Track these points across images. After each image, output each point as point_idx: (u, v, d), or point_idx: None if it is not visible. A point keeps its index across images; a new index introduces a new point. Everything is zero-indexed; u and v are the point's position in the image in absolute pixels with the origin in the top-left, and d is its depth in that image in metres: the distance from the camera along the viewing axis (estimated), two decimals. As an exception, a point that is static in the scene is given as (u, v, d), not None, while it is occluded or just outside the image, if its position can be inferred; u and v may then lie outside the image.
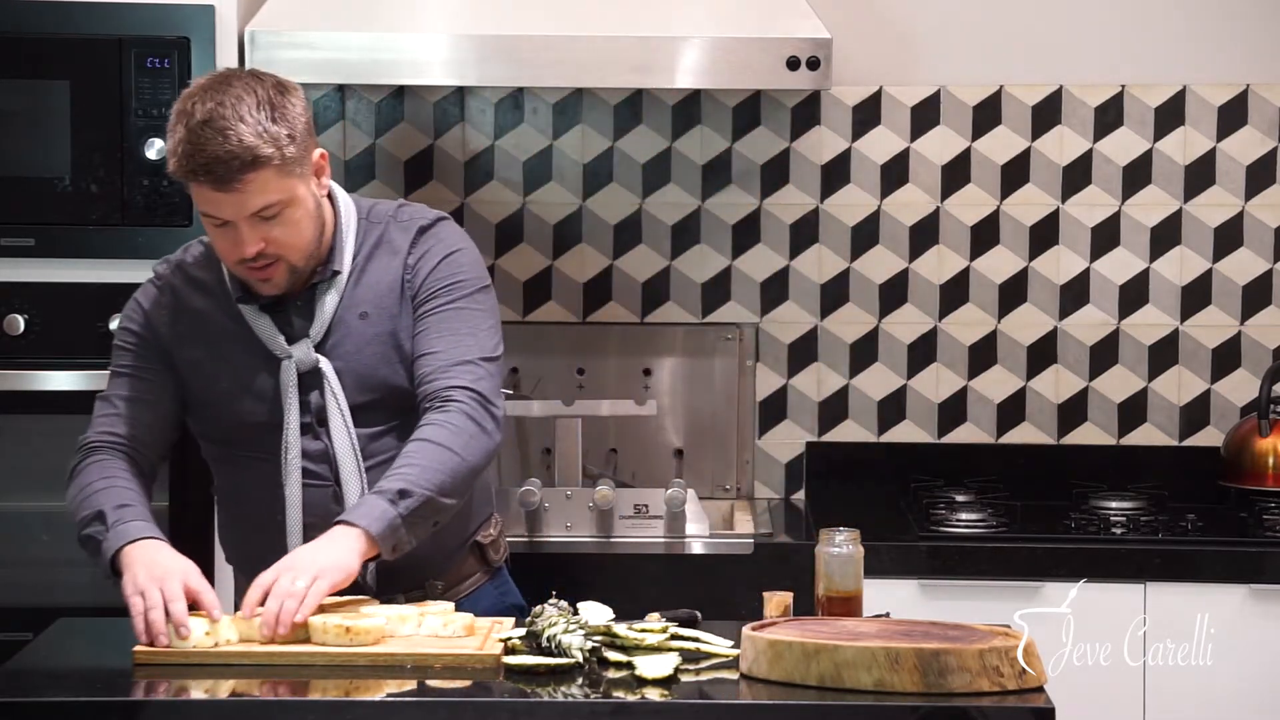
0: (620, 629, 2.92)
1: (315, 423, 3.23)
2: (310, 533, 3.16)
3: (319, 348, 3.23)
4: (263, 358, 3.23)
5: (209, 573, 4.11)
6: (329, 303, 3.23)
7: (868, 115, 4.70)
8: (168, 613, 2.93)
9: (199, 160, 3.04)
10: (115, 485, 3.17)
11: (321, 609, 2.97)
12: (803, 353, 4.73)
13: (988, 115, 4.70)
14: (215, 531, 4.14)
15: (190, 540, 4.15)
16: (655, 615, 3.01)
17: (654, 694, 2.75)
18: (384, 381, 3.25)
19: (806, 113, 4.70)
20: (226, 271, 3.24)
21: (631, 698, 2.73)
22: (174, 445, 3.37)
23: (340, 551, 3.00)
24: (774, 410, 4.73)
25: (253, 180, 3.06)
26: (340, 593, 3.09)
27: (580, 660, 2.84)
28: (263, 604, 2.95)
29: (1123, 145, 4.69)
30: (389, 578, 3.20)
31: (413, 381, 3.23)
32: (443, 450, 3.11)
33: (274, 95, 3.10)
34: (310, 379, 3.22)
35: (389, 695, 2.77)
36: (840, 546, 3.06)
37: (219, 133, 3.04)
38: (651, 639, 2.91)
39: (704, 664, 2.90)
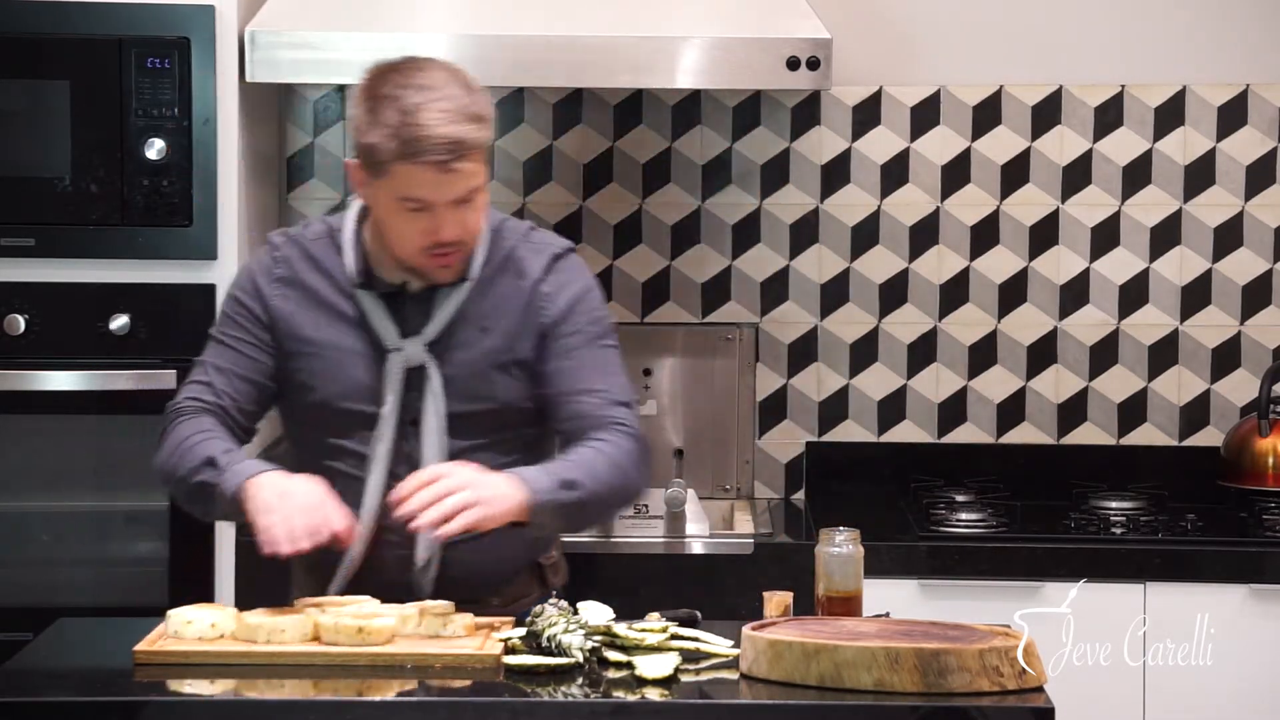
0: (620, 629, 2.92)
1: (409, 422, 3.20)
2: (382, 532, 3.17)
3: (429, 349, 3.20)
4: (370, 346, 3.20)
5: (209, 565, 4.14)
6: (450, 306, 3.20)
7: (868, 115, 4.70)
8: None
9: (425, 142, 3.03)
10: (213, 436, 3.17)
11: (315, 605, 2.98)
12: (803, 353, 4.73)
13: (988, 115, 4.70)
14: (216, 524, 4.16)
15: (191, 539, 4.16)
16: (655, 615, 3.01)
17: (654, 694, 2.75)
18: (490, 396, 3.22)
19: (806, 113, 4.70)
20: (350, 253, 3.20)
21: (631, 698, 2.73)
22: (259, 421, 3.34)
23: (505, 497, 3.02)
24: (774, 410, 4.73)
25: (468, 163, 3.07)
26: (344, 592, 3.10)
27: (580, 660, 2.84)
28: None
29: (1123, 145, 4.69)
30: (446, 587, 3.17)
31: (519, 401, 3.23)
32: (615, 466, 3.14)
33: (469, 80, 3.12)
34: (413, 378, 3.19)
35: (389, 695, 2.77)
36: (840, 546, 3.06)
37: (444, 115, 3.04)
38: (651, 639, 2.91)
39: (704, 664, 2.90)
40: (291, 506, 3.01)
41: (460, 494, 2.97)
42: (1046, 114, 4.69)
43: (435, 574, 3.19)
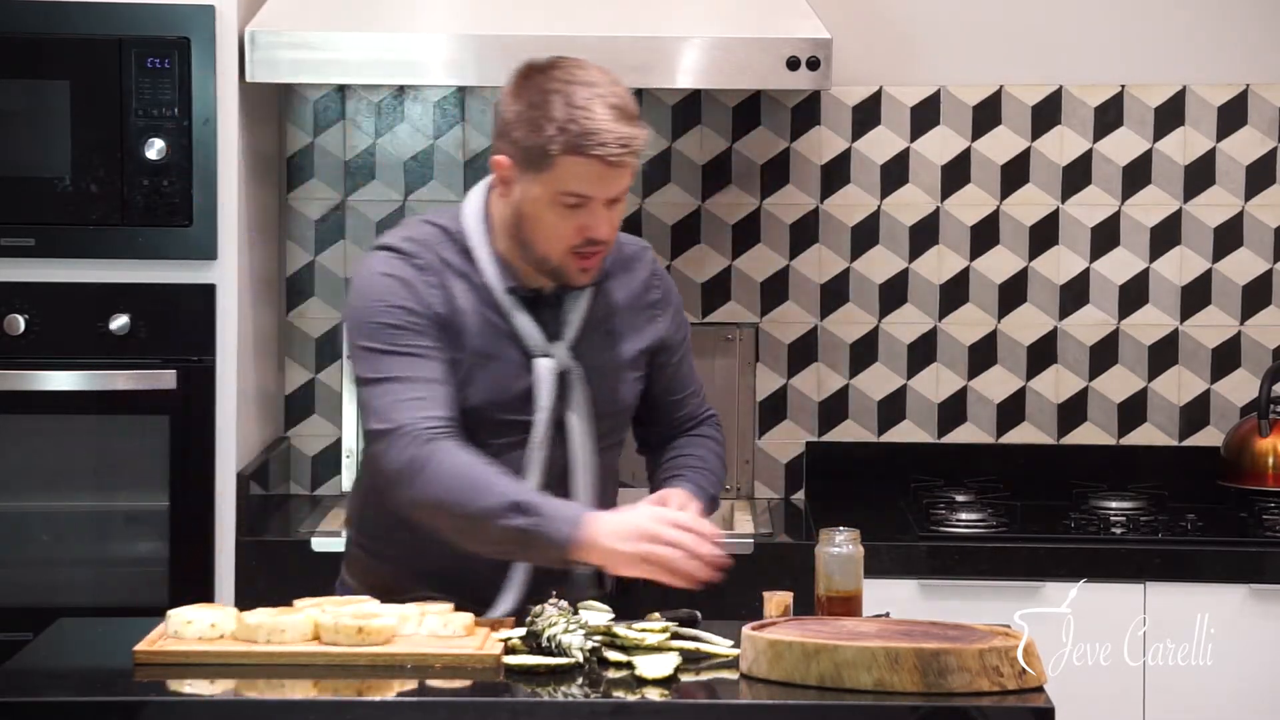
0: (620, 629, 2.92)
1: (554, 427, 3.19)
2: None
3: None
4: (516, 352, 3.17)
5: (209, 565, 4.14)
6: (580, 309, 3.21)
7: (868, 115, 4.70)
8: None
9: (601, 136, 3.04)
10: (491, 467, 3.05)
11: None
12: (803, 353, 4.73)
13: (988, 115, 4.70)
14: (216, 524, 4.15)
15: (191, 539, 4.16)
16: (655, 615, 3.01)
17: (654, 694, 2.75)
18: (619, 398, 3.26)
19: (806, 113, 4.70)
20: (492, 259, 3.16)
21: (631, 698, 2.73)
22: None
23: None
24: (774, 410, 4.73)
25: (634, 160, 3.10)
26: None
27: (580, 660, 2.84)
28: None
29: (1123, 145, 4.69)
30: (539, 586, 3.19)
31: (635, 402, 3.29)
32: (723, 463, 3.38)
33: (619, 79, 3.14)
34: (560, 383, 3.18)
35: (389, 695, 2.77)
36: (840, 546, 3.06)
37: (613, 111, 3.06)
38: (651, 639, 2.90)
39: (704, 664, 2.89)
40: (671, 536, 2.99)
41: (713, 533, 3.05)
42: (1046, 114, 4.69)
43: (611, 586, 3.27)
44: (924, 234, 4.71)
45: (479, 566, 3.15)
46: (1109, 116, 4.69)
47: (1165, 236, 4.69)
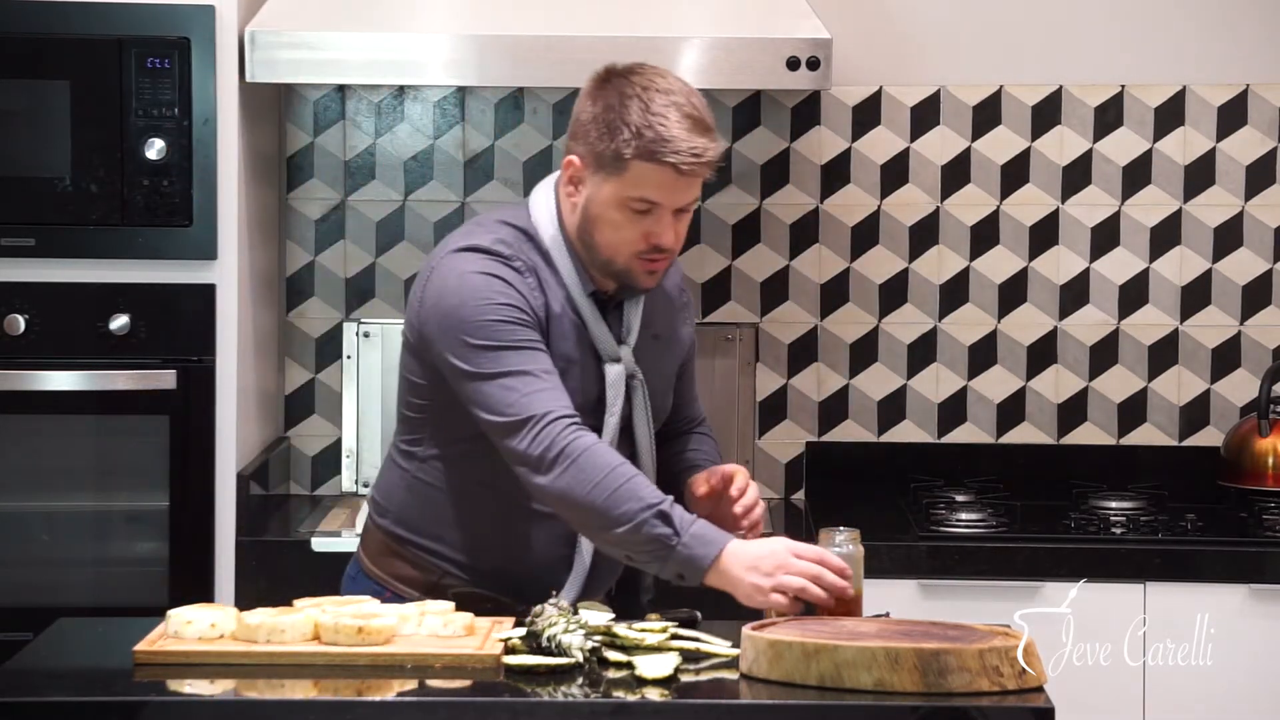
0: (620, 629, 2.92)
1: (622, 430, 3.22)
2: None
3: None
4: (592, 357, 3.19)
5: (209, 565, 4.14)
6: (639, 313, 3.24)
7: (868, 115, 4.70)
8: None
9: (676, 144, 3.06)
10: (637, 472, 3.05)
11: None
12: (803, 353, 4.73)
13: (988, 115, 4.70)
14: (215, 524, 4.16)
15: (191, 539, 4.16)
16: (655, 615, 3.01)
17: (654, 694, 2.75)
18: (667, 402, 3.33)
19: (806, 113, 4.70)
20: (571, 262, 3.17)
21: (631, 698, 2.73)
22: None
23: None
24: (774, 410, 4.73)
25: (706, 171, 3.12)
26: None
27: (580, 660, 2.84)
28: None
29: (1123, 145, 4.69)
30: (592, 586, 3.25)
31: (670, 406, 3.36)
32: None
33: (696, 91, 3.17)
34: (628, 386, 3.22)
35: (389, 695, 2.77)
36: (840, 546, 3.06)
37: (689, 120, 3.08)
38: (651, 639, 2.90)
39: (704, 664, 2.89)
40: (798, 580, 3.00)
41: (760, 499, 3.22)
42: (1046, 114, 4.69)
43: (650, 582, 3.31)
44: (924, 234, 4.71)
45: (534, 568, 3.18)
46: (1109, 116, 4.69)
47: (1165, 236, 4.69)
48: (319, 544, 4.15)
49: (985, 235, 4.71)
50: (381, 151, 4.71)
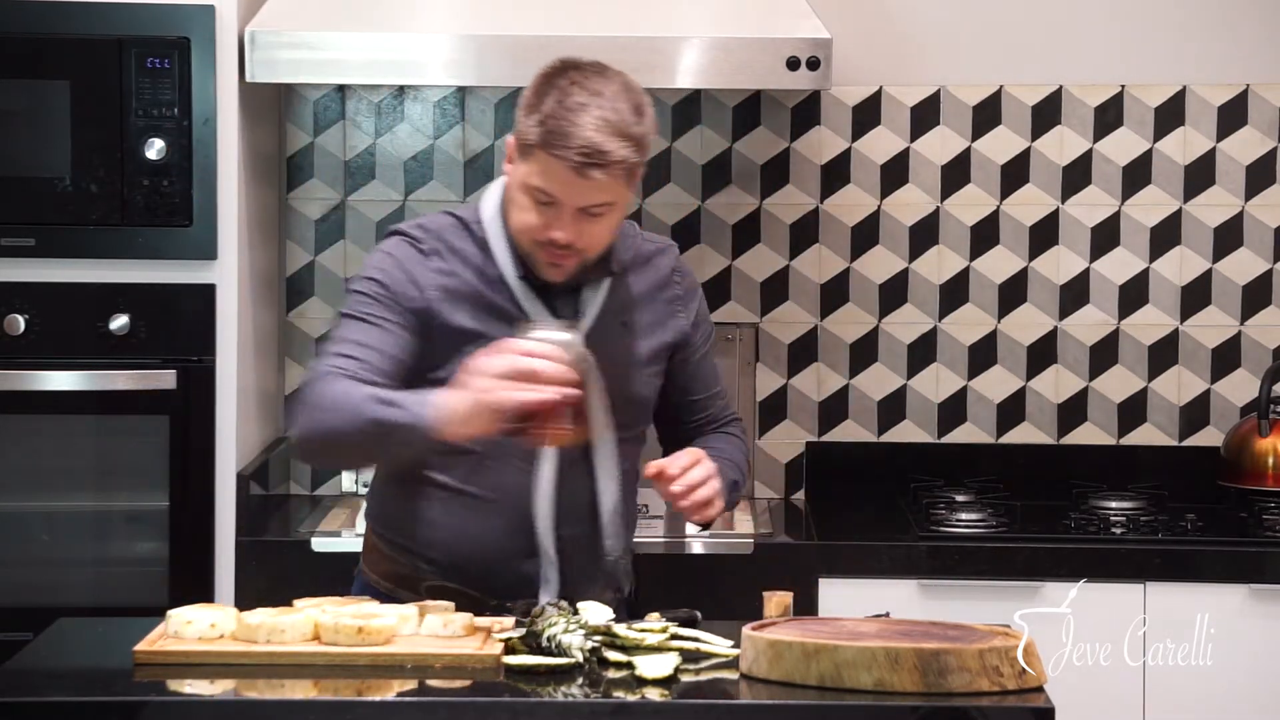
0: (620, 629, 2.92)
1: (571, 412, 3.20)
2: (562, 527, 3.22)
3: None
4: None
5: (209, 565, 4.14)
6: (598, 300, 3.24)
7: (868, 115, 4.70)
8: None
9: (571, 140, 3.06)
10: (369, 386, 3.07)
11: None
12: (803, 353, 4.73)
13: (988, 115, 4.70)
14: (215, 524, 4.16)
15: (191, 539, 4.16)
16: (655, 615, 3.01)
17: (654, 694, 2.75)
18: (632, 390, 3.28)
19: (806, 113, 4.70)
20: (507, 248, 3.20)
21: (631, 698, 2.73)
22: None
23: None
24: (774, 410, 4.73)
25: (605, 178, 3.08)
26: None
27: (580, 660, 2.84)
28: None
29: (1123, 145, 4.69)
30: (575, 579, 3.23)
31: (651, 396, 3.32)
32: (746, 460, 3.39)
33: (642, 104, 3.15)
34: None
35: (389, 695, 2.78)
36: (547, 333, 3.01)
37: (598, 122, 3.07)
38: (651, 639, 2.91)
39: (704, 664, 2.90)
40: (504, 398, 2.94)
41: (712, 483, 3.13)
42: (1046, 114, 4.69)
43: (628, 568, 3.29)
44: (924, 234, 4.71)
45: (495, 560, 3.17)
46: (1109, 116, 4.69)
47: (1165, 236, 4.69)
48: (319, 544, 4.15)
49: (985, 235, 4.71)
50: (381, 151, 4.71)
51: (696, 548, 4.18)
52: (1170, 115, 4.68)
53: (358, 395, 3.04)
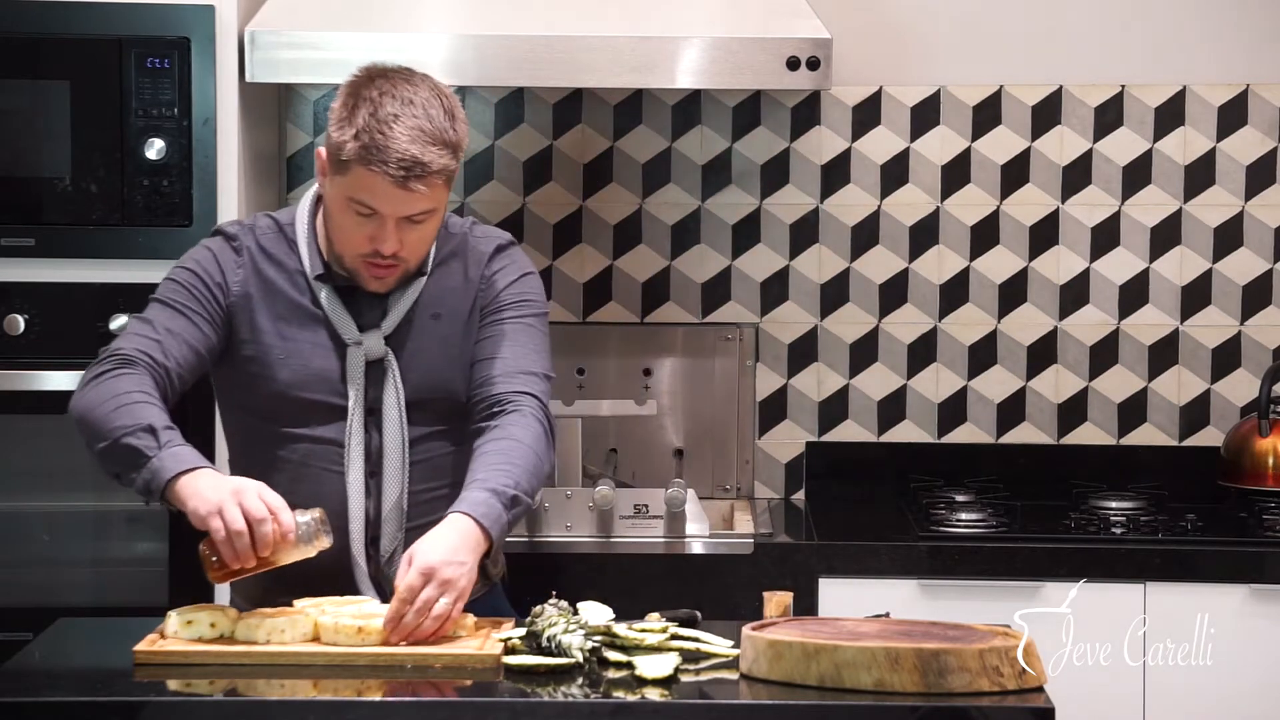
0: (620, 629, 2.92)
1: (367, 412, 3.26)
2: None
3: (386, 341, 3.26)
4: (329, 340, 3.26)
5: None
6: (405, 299, 3.27)
7: (868, 115, 4.70)
8: (253, 536, 2.95)
9: (389, 154, 3.08)
10: (156, 405, 3.11)
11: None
12: (803, 353, 4.73)
13: (988, 115, 4.70)
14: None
15: (191, 539, 4.15)
16: (655, 615, 3.01)
17: (654, 694, 2.75)
18: (443, 384, 3.29)
19: (806, 113, 4.70)
20: (305, 247, 3.27)
21: (631, 698, 2.73)
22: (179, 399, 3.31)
23: (469, 564, 2.99)
24: (774, 410, 4.73)
25: (425, 185, 3.10)
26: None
27: (580, 660, 2.84)
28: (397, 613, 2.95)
29: (1123, 145, 4.69)
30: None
31: (469, 386, 3.28)
32: (531, 453, 3.15)
33: (454, 106, 3.17)
34: (373, 370, 3.26)
35: (389, 695, 2.78)
36: (305, 516, 3.02)
37: (414, 133, 3.09)
38: (651, 639, 2.91)
39: (704, 664, 2.90)
40: (235, 515, 2.95)
41: (442, 601, 2.94)
42: (1046, 114, 4.69)
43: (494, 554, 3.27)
44: (924, 234, 4.71)
45: (308, 569, 3.14)
46: (1109, 116, 4.69)
47: (1165, 236, 4.69)
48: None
49: (985, 235, 4.71)
50: (381, 151, 4.70)
51: (696, 548, 4.18)
52: (1170, 115, 4.68)
53: (138, 414, 3.07)
